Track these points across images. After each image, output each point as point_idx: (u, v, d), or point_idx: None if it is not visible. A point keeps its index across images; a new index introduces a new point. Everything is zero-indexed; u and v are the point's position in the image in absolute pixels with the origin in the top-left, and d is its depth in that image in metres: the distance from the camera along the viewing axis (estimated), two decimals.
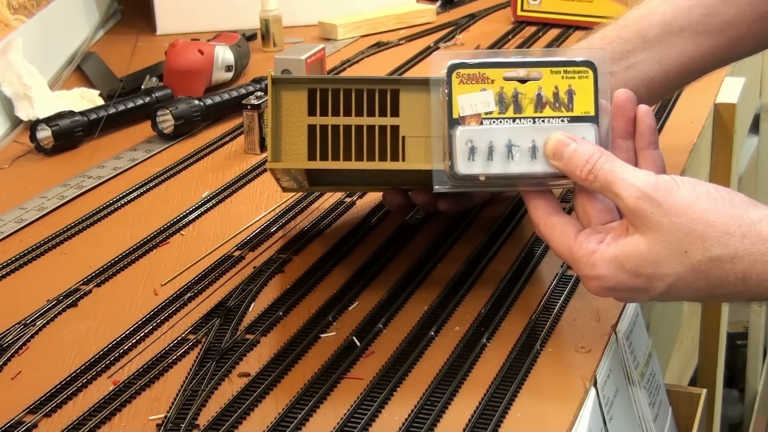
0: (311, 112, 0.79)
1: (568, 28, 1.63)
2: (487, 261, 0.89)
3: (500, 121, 0.74)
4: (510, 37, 1.61)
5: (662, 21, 0.91)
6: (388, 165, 0.78)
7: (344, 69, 1.49)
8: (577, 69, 0.75)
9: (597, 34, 0.93)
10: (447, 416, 0.68)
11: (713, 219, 0.68)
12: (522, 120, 0.74)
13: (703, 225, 0.67)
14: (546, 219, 0.74)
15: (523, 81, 0.74)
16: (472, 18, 1.75)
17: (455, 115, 0.73)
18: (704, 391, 1.04)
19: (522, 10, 1.68)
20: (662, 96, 0.96)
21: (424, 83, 0.77)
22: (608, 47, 0.91)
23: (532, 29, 1.64)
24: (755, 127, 2.19)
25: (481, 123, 0.73)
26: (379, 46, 1.61)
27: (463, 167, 0.73)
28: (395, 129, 0.78)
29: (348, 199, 1.02)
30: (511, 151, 0.73)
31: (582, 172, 0.71)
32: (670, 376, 1.29)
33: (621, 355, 0.80)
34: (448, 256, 0.90)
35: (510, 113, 0.74)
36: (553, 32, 1.62)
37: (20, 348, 0.78)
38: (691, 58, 0.92)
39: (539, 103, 0.74)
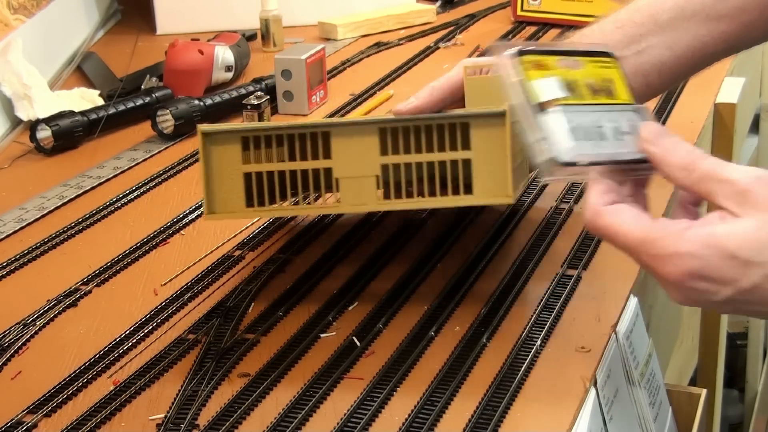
0: (246, 160, 0.79)
1: (568, 28, 1.63)
2: (487, 261, 0.89)
3: (578, 107, 0.69)
4: (510, 37, 1.61)
5: (675, 5, 0.90)
6: (326, 209, 0.78)
7: (344, 69, 1.49)
8: (604, 60, 0.74)
9: (609, 18, 0.92)
10: (447, 416, 0.68)
11: None
12: (596, 105, 0.70)
13: None
14: (616, 204, 0.67)
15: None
16: (472, 18, 1.75)
17: (537, 100, 0.67)
18: (704, 391, 1.04)
19: (522, 10, 1.68)
20: (673, 82, 0.94)
21: (357, 124, 0.78)
22: (620, 31, 0.90)
23: (532, 29, 1.64)
24: (755, 127, 2.19)
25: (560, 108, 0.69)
26: (379, 46, 1.61)
27: (565, 153, 0.66)
28: (328, 171, 0.77)
29: None
30: (602, 134, 0.68)
31: (682, 161, 0.65)
32: (670, 376, 1.29)
33: (621, 355, 0.80)
34: (448, 256, 0.90)
35: (580, 99, 0.70)
36: (553, 32, 1.62)
37: (20, 348, 0.78)
38: (703, 43, 0.91)
39: (593, 90, 0.71)
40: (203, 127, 0.79)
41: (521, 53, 0.69)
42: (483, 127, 0.76)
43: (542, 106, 0.67)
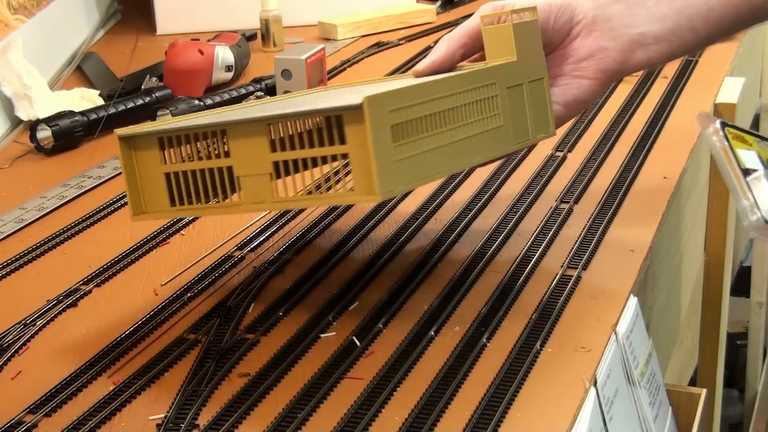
0: (164, 161, 0.78)
1: None
2: (487, 261, 0.89)
3: None
4: None
5: None
6: (229, 209, 0.76)
7: (344, 69, 1.50)
8: None
9: None
10: (447, 416, 0.68)
11: None
12: None
13: None
14: None
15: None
16: None
17: (744, 166, 0.71)
18: (704, 391, 1.04)
19: None
20: (719, 33, 0.88)
21: (246, 122, 0.74)
22: None
23: None
24: (755, 127, 2.19)
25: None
26: (379, 46, 1.61)
27: None
28: (230, 170, 0.75)
29: None
30: None
31: None
32: (670, 376, 1.29)
33: (621, 355, 0.80)
34: (448, 256, 0.90)
35: None
36: None
37: (20, 348, 0.78)
38: None
39: None
40: (120, 131, 0.79)
41: (725, 125, 0.72)
42: (350, 120, 0.70)
43: (748, 172, 0.70)
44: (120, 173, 1.11)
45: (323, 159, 0.71)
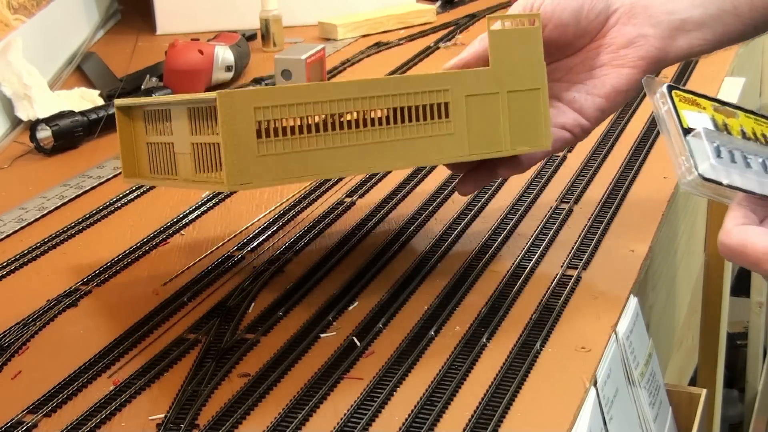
0: (147, 132, 0.84)
1: None
2: (487, 261, 0.89)
3: (726, 137, 0.69)
4: None
5: None
6: (171, 182, 0.82)
7: (344, 69, 1.50)
8: (764, 120, 0.73)
9: None
10: (447, 416, 0.68)
11: None
12: (746, 141, 0.70)
13: None
14: (747, 225, 0.65)
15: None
16: (472, 18, 1.75)
17: (686, 125, 0.68)
18: (704, 391, 1.04)
19: None
20: (764, 21, 0.85)
21: (177, 104, 0.79)
22: None
23: None
24: None
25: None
26: (379, 46, 1.61)
27: (708, 170, 0.66)
28: (171, 146, 0.81)
29: (348, 199, 1.02)
30: (748, 164, 0.68)
31: None
32: (670, 376, 1.29)
33: (621, 355, 0.80)
34: (448, 256, 0.90)
35: (729, 136, 0.70)
36: None
37: (20, 348, 0.78)
38: None
39: (744, 135, 0.71)
40: (119, 102, 0.86)
41: (672, 88, 0.70)
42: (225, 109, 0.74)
43: (689, 131, 0.68)
44: (120, 173, 1.11)
45: (215, 145, 0.75)
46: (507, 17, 0.81)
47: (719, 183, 0.66)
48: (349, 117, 0.75)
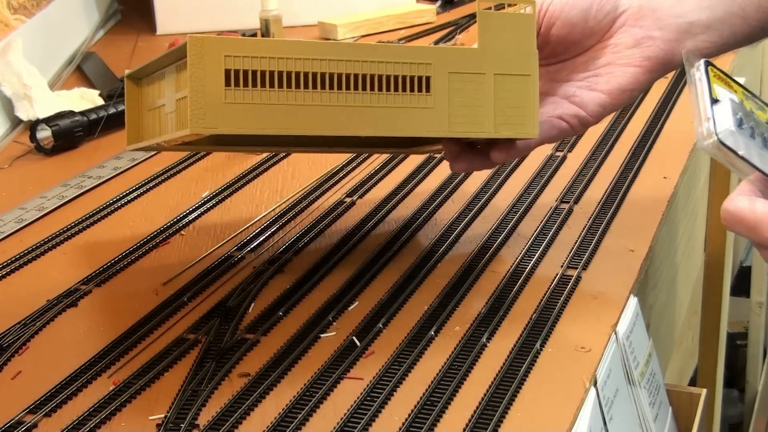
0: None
1: None
2: (486, 261, 0.89)
3: (752, 116, 0.69)
4: None
5: None
6: (169, 137, 0.82)
7: None
8: None
9: None
10: (447, 416, 0.68)
11: None
12: None
13: None
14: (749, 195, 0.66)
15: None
16: (472, 18, 1.75)
17: (714, 96, 0.70)
18: (704, 391, 1.04)
19: None
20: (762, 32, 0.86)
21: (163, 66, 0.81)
22: None
23: None
24: None
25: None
26: None
27: (727, 135, 0.67)
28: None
29: (348, 199, 1.02)
30: (766, 145, 0.68)
31: None
32: (670, 376, 1.29)
33: (621, 355, 0.80)
34: (448, 256, 0.90)
35: (755, 119, 0.71)
36: None
37: (20, 348, 0.78)
38: None
39: None
40: (129, 71, 0.87)
41: (709, 63, 0.71)
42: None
43: (716, 101, 0.68)
44: (120, 173, 1.12)
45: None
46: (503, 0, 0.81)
47: (735, 152, 0.66)
48: (320, 78, 0.75)
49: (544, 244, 0.91)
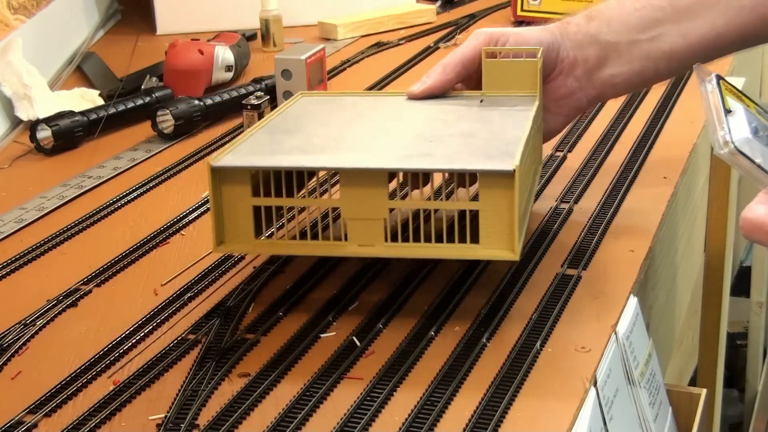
0: (254, 194, 0.76)
1: None
2: (487, 261, 0.89)
3: (765, 126, 0.72)
4: None
5: None
6: (333, 249, 0.77)
7: (344, 69, 1.50)
8: None
9: None
10: (447, 416, 0.68)
11: None
12: None
13: None
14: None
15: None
16: (472, 18, 1.75)
17: (728, 107, 0.71)
18: (704, 391, 1.04)
19: (522, 9, 1.68)
20: (680, 70, 0.96)
21: (364, 174, 0.74)
22: (637, 14, 0.92)
23: None
24: None
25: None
26: (379, 46, 1.61)
27: (743, 143, 0.68)
28: (336, 210, 0.78)
29: None
30: None
31: None
32: (670, 376, 1.29)
33: (621, 355, 0.80)
34: None
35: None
36: None
37: (20, 348, 0.78)
38: (718, 34, 0.91)
39: None
40: (213, 162, 0.76)
41: (720, 78, 0.73)
42: (492, 183, 0.73)
43: (730, 112, 0.70)
44: (120, 173, 1.12)
45: (437, 211, 0.76)
46: (508, 50, 0.91)
47: (752, 160, 0.67)
48: None
49: (544, 243, 0.91)
